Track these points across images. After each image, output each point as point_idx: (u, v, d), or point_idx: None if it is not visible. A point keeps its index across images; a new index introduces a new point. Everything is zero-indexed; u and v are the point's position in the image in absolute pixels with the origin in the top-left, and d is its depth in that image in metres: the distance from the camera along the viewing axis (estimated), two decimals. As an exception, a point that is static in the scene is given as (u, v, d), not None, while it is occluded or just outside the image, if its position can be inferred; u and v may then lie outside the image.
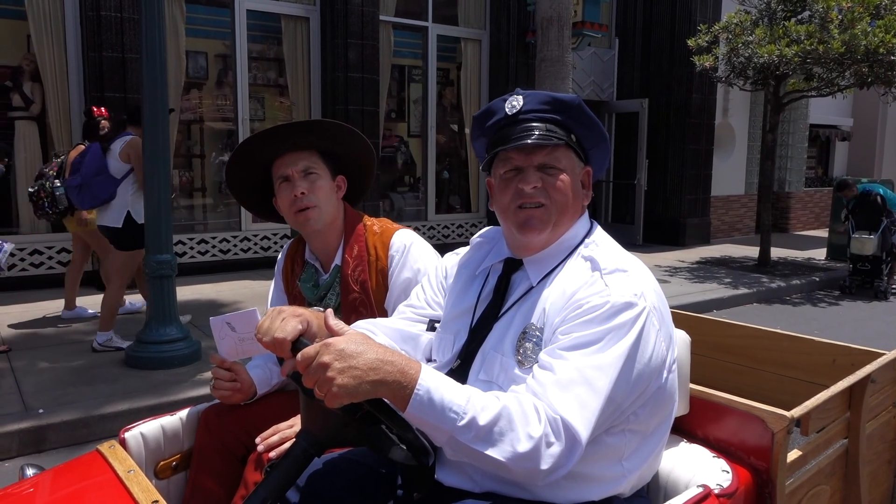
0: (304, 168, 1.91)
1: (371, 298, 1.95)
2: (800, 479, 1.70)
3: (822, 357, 2.25)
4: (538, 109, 1.44)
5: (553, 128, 1.43)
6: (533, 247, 1.47)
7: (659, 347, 1.34)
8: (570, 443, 1.20)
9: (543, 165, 1.44)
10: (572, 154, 1.46)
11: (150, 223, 4.39)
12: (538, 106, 1.44)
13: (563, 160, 1.44)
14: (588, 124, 1.46)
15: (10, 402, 3.78)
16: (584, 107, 1.45)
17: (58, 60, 6.73)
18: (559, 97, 1.45)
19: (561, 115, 1.44)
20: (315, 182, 1.92)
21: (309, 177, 1.91)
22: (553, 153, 1.44)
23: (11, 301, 6.04)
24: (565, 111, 1.44)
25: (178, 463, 1.84)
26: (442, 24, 9.42)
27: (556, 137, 1.42)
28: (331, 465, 1.52)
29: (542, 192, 1.43)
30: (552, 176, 1.43)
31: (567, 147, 1.45)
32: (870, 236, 7.85)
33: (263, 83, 8.53)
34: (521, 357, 1.37)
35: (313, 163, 1.92)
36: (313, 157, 1.93)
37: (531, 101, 1.45)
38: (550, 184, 1.43)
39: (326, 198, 1.93)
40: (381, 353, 1.18)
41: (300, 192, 1.89)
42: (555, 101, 1.44)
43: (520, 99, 1.46)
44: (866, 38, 7.17)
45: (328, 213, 1.95)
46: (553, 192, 1.43)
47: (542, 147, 1.42)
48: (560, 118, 1.44)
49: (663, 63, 10.96)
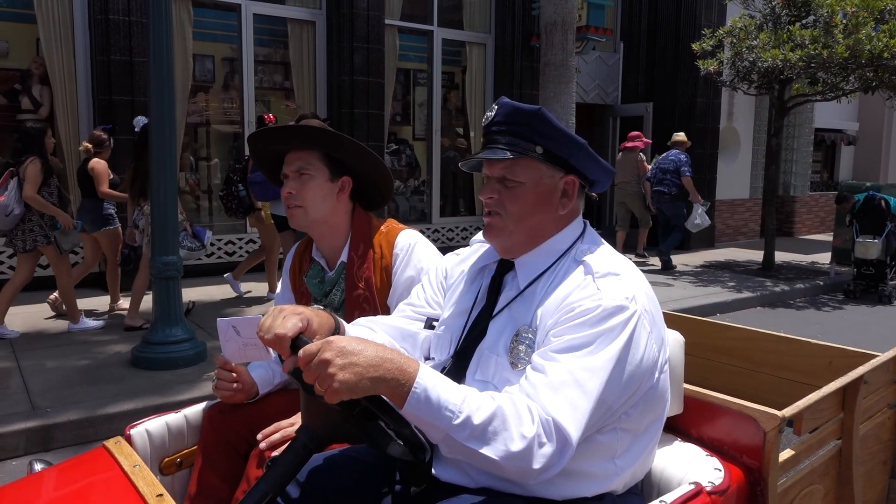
0: (297, 168, 1.98)
1: (375, 295, 2.00)
2: (792, 478, 1.72)
3: (819, 359, 2.27)
4: (503, 122, 1.47)
5: (516, 140, 1.45)
6: (506, 250, 1.52)
7: (650, 349, 1.37)
8: (560, 444, 1.23)
9: (502, 178, 1.48)
10: (540, 165, 1.47)
11: (156, 225, 4.43)
12: (503, 118, 1.47)
13: (522, 173, 1.46)
14: (550, 134, 1.45)
15: (18, 401, 3.83)
16: (546, 116, 1.44)
17: (66, 64, 6.80)
18: (519, 108, 1.46)
19: (521, 126, 1.45)
20: (305, 183, 1.97)
21: (302, 177, 1.98)
22: (512, 167, 1.47)
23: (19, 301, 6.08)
24: (525, 123, 1.45)
25: (182, 459, 1.87)
26: (447, 28, 9.47)
27: (514, 151, 1.44)
28: (330, 460, 1.56)
29: (497, 203, 1.48)
30: (509, 188, 1.47)
31: (531, 159, 1.46)
32: (874, 240, 7.85)
33: (270, 86, 8.59)
34: (514, 359, 1.40)
35: (309, 163, 1.98)
36: (311, 157, 1.98)
37: (499, 114, 1.48)
38: (506, 195, 1.47)
39: (315, 198, 1.98)
40: (381, 351, 1.21)
41: (287, 192, 1.98)
42: (515, 112, 1.46)
43: (494, 109, 1.49)
44: (870, 43, 7.17)
45: (316, 212, 2.00)
46: (508, 204, 1.47)
47: (500, 160, 1.46)
48: (522, 130, 1.45)
49: (668, 67, 10.97)
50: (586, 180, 1.54)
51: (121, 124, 6.61)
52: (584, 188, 1.56)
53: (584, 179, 1.53)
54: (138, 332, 5.13)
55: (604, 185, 1.59)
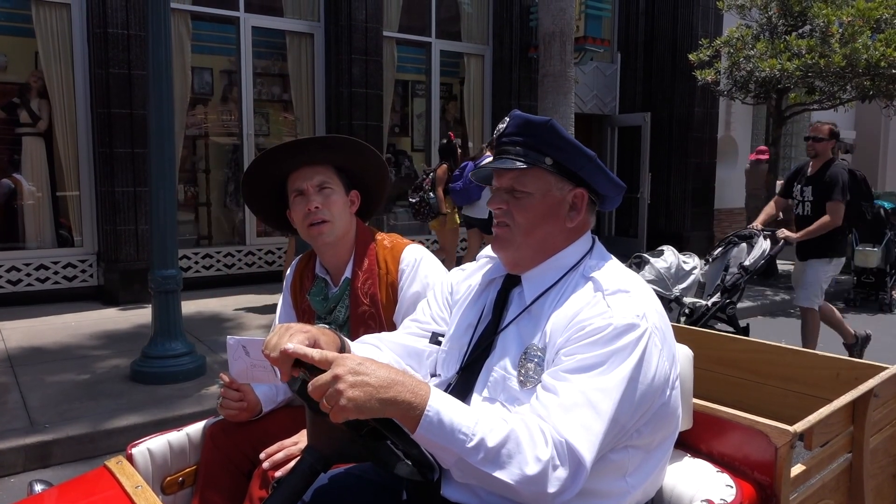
0: (319, 182, 1.95)
1: (381, 312, 1.97)
2: (804, 493, 1.70)
3: (826, 371, 2.25)
4: (514, 133, 1.47)
5: (526, 151, 1.45)
6: (508, 263, 1.51)
7: (662, 367, 1.35)
8: (574, 466, 1.21)
9: (510, 189, 1.47)
10: (549, 176, 1.46)
11: (155, 238, 4.41)
12: (514, 129, 1.47)
13: (531, 184, 1.46)
14: (560, 146, 1.45)
15: (16, 417, 3.79)
16: (556, 128, 1.44)
17: (65, 77, 6.80)
18: (530, 120, 1.46)
19: (532, 138, 1.45)
20: (329, 196, 1.95)
21: (323, 191, 1.95)
22: (521, 177, 1.46)
23: (17, 316, 6.07)
24: (535, 134, 1.45)
25: (184, 478, 1.85)
26: (445, 40, 9.49)
27: (523, 161, 1.44)
28: (336, 480, 1.53)
29: (506, 214, 1.47)
30: (518, 199, 1.46)
31: (541, 170, 1.45)
32: (874, 249, 7.85)
33: (268, 98, 8.60)
34: (523, 377, 1.38)
35: (328, 177, 1.96)
36: (328, 171, 1.97)
37: (511, 125, 1.48)
38: (515, 206, 1.46)
39: (339, 212, 1.97)
40: (393, 373, 1.19)
41: (314, 206, 1.92)
42: (525, 123, 1.46)
43: (506, 121, 1.49)
44: (867, 52, 7.20)
45: (341, 227, 1.98)
46: (516, 215, 1.46)
47: (510, 170, 1.46)
48: (532, 141, 1.45)
49: (665, 77, 11.01)
50: (596, 195, 1.53)
51: (119, 138, 6.61)
52: (595, 204, 1.55)
53: (595, 194, 1.52)
54: (136, 344, 5.09)
55: (614, 201, 1.56)
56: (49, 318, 6.05)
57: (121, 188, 6.67)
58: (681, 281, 4.65)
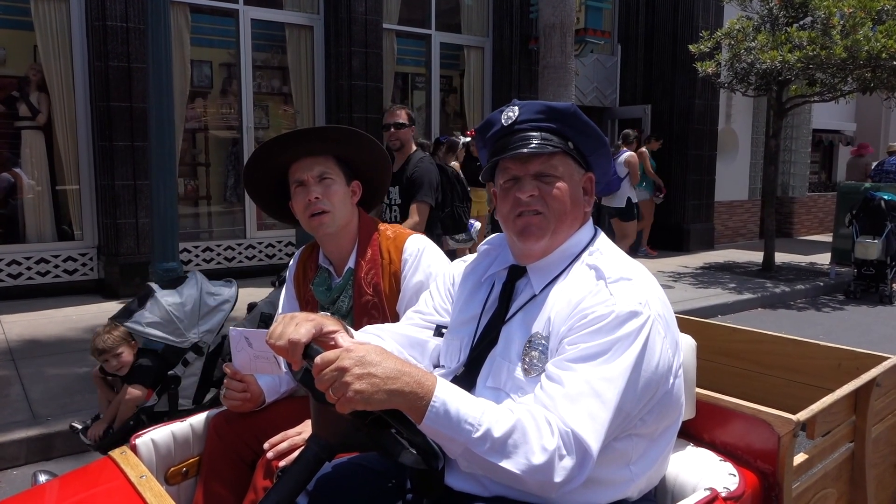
0: (319, 173, 1.95)
1: (384, 302, 1.98)
2: (806, 482, 1.71)
3: (828, 361, 2.25)
4: (533, 119, 1.46)
5: (549, 136, 1.45)
6: (534, 254, 1.49)
7: (665, 354, 1.35)
8: (581, 456, 1.21)
9: (540, 174, 1.45)
10: (570, 161, 1.47)
11: (156, 232, 4.42)
12: (533, 115, 1.46)
13: (559, 168, 1.45)
14: (584, 131, 1.47)
15: (19, 410, 3.80)
16: (579, 113, 1.46)
17: (64, 70, 6.78)
18: (553, 105, 1.46)
19: (556, 123, 1.45)
20: (330, 187, 1.95)
21: (324, 182, 1.95)
22: (549, 161, 1.45)
23: (18, 309, 6.08)
24: (560, 119, 1.45)
25: (188, 469, 1.85)
26: (445, 32, 9.47)
27: (550, 146, 1.43)
28: (341, 469, 1.54)
29: (538, 201, 1.45)
30: (549, 184, 1.45)
31: (564, 154, 1.46)
32: (874, 241, 7.84)
33: (268, 91, 8.58)
34: (528, 365, 1.38)
35: (329, 168, 1.96)
36: (329, 162, 1.96)
37: (526, 112, 1.46)
38: (547, 192, 1.45)
39: (340, 203, 1.97)
40: (400, 365, 1.19)
41: (314, 197, 1.93)
42: (549, 109, 1.46)
43: (515, 110, 1.48)
44: (868, 44, 7.17)
45: (341, 217, 1.98)
46: (550, 200, 1.44)
47: (537, 155, 1.44)
48: (555, 126, 1.45)
49: (666, 69, 10.98)
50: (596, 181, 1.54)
51: (119, 131, 6.60)
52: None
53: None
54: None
55: (607, 187, 1.57)
56: (50, 312, 6.05)
57: (121, 181, 6.65)
58: (204, 320, 3.16)
